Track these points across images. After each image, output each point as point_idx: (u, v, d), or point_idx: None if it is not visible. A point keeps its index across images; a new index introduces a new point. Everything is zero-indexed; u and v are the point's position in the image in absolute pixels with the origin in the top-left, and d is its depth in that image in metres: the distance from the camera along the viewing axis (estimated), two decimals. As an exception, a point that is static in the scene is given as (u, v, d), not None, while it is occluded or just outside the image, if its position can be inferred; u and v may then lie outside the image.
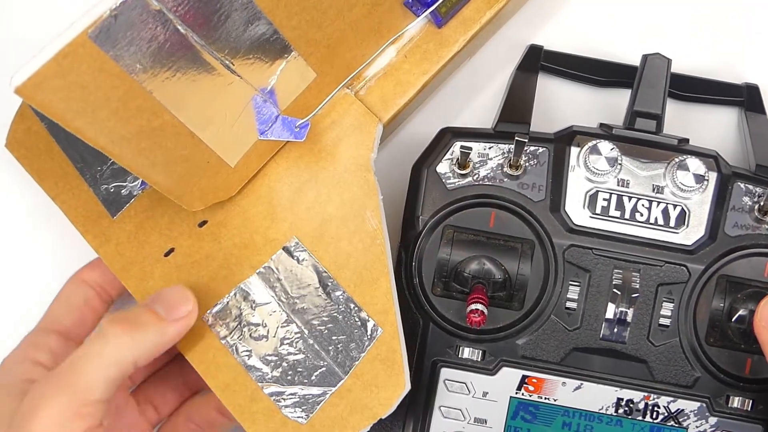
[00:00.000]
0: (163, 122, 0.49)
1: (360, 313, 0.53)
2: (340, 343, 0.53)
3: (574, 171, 0.55)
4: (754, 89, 0.61)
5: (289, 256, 0.54)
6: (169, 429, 0.58)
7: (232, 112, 0.52)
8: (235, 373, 0.53)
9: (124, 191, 0.56)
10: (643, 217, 0.55)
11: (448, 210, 0.55)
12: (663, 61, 0.56)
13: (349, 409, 0.52)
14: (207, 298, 0.54)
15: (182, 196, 0.53)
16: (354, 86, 0.55)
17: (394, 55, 0.56)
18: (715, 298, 0.55)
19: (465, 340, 0.55)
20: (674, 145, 0.56)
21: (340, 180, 0.54)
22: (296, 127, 0.54)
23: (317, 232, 0.54)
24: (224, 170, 0.53)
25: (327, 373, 0.53)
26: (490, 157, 0.56)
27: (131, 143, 0.49)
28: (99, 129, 0.47)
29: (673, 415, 0.55)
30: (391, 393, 0.52)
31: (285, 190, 0.55)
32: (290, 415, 0.52)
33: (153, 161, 0.50)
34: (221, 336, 0.54)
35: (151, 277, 0.55)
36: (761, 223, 0.55)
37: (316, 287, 0.54)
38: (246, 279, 0.54)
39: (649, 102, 0.56)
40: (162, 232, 0.56)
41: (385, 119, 0.55)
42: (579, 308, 0.55)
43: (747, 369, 0.55)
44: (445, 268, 0.55)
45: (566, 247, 0.55)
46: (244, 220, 0.55)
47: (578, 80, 0.62)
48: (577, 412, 0.55)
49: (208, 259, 0.55)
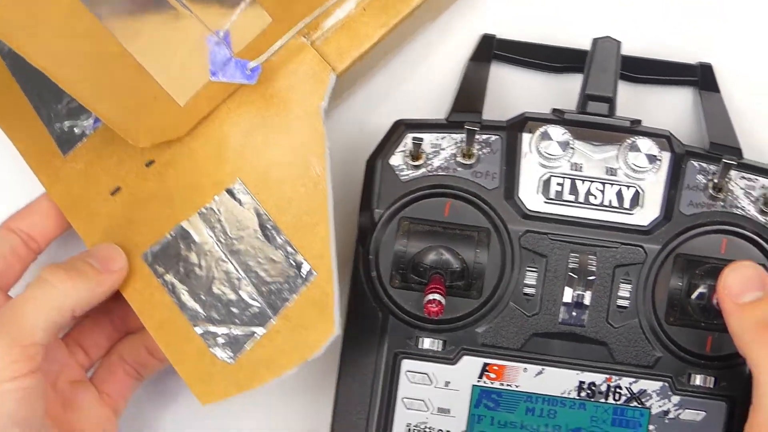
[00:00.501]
0: (110, 50, 0.50)
1: (296, 256, 0.53)
2: (274, 285, 0.53)
3: (527, 157, 0.55)
4: (707, 68, 0.61)
5: (232, 197, 0.55)
6: (105, 369, 0.59)
7: (183, 50, 0.52)
8: (169, 312, 0.54)
9: (77, 130, 0.57)
10: (598, 200, 0.55)
11: (402, 202, 0.55)
12: (613, 44, 0.56)
13: (277, 350, 0.53)
14: (148, 237, 0.55)
15: (128, 130, 0.53)
16: (311, 36, 0.56)
17: (354, 7, 0.56)
18: (673, 277, 0.55)
19: (425, 330, 0.56)
20: (626, 126, 0.56)
21: (290, 126, 0.55)
22: (248, 70, 0.54)
23: (262, 176, 0.54)
24: (173, 108, 0.54)
25: (258, 314, 0.53)
26: (443, 147, 0.56)
27: (76, 67, 0.49)
28: (42, 49, 0.48)
29: (635, 396, 0.55)
30: (320, 336, 0.52)
31: (234, 133, 0.55)
32: (219, 355, 0.53)
33: (98, 89, 0.51)
34: (159, 274, 0.55)
35: (97, 215, 0.56)
36: (716, 201, 0.55)
37: (255, 229, 0.54)
38: (187, 219, 0.55)
39: (601, 85, 0.56)
40: (110, 170, 0.56)
41: (339, 69, 0.55)
42: (537, 294, 0.55)
43: (708, 346, 0.55)
44: (402, 260, 0.55)
45: (522, 233, 0.55)
46: (191, 161, 0.55)
47: (532, 67, 0.62)
48: (539, 397, 0.56)
49: (152, 198, 0.55)
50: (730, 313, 0.51)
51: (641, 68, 0.61)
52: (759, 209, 0.55)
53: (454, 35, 0.63)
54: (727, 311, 0.51)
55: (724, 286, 0.51)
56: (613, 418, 0.55)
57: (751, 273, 0.51)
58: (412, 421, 0.56)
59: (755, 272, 0.51)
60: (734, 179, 0.55)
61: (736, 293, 0.51)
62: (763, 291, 0.51)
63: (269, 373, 0.53)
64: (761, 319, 0.50)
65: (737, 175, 0.55)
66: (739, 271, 0.51)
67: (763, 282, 0.51)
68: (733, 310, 0.51)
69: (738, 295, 0.51)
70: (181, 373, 0.54)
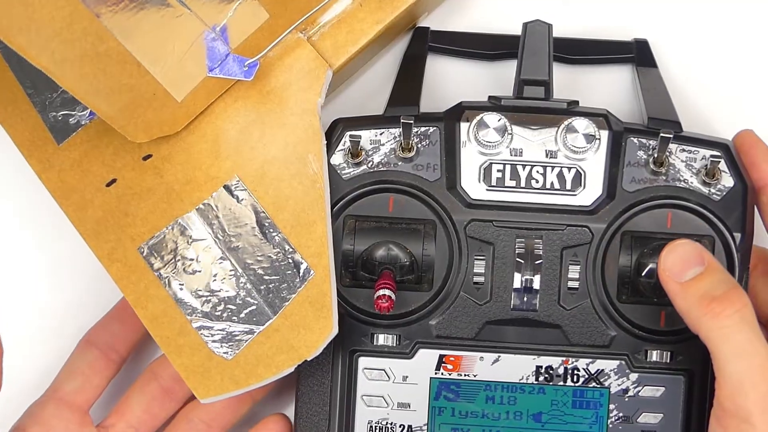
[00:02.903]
0: (108, 48, 0.50)
1: (294, 254, 0.54)
2: (272, 283, 0.54)
3: (466, 146, 0.55)
4: (643, 44, 0.61)
5: (229, 194, 0.55)
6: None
7: (181, 46, 0.53)
8: (165, 306, 0.54)
9: (72, 120, 0.57)
10: (539, 183, 0.55)
11: (346, 200, 0.55)
12: (543, 27, 0.56)
13: (275, 348, 0.53)
14: (144, 230, 0.55)
15: (126, 125, 0.53)
16: (307, 31, 0.56)
17: (350, 3, 0.56)
18: (621, 255, 0.55)
19: (379, 327, 0.56)
20: (563, 108, 0.56)
21: (286, 122, 0.55)
22: (245, 66, 0.54)
23: (259, 173, 0.55)
24: (171, 104, 0.54)
25: (256, 312, 0.54)
26: (382, 142, 0.56)
27: (74, 66, 0.50)
28: (42, 48, 0.48)
29: (593, 376, 0.55)
30: (318, 335, 0.53)
31: (231, 129, 0.55)
32: (216, 350, 0.54)
33: (96, 87, 0.51)
34: (155, 268, 0.55)
35: (90, 205, 0.56)
36: (658, 175, 0.55)
37: (253, 227, 0.54)
38: (185, 214, 0.55)
39: (535, 69, 0.56)
40: (106, 162, 0.56)
41: (335, 65, 0.56)
42: (487, 282, 0.55)
43: (662, 321, 0.55)
44: (350, 258, 0.55)
45: (467, 222, 0.55)
46: (188, 156, 0.55)
47: (468, 57, 0.62)
48: (498, 384, 0.56)
49: (149, 192, 0.56)
50: (675, 293, 0.51)
51: (577, 49, 0.61)
52: (701, 180, 0.55)
53: (438, 23, 0.62)
54: (672, 291, 0.51)
55: (664, 268, 0.51)
56: (573, 401, 0.55)
57: (689, 249, 0.51)
58: (373, 418, 0.56)
59: (693, 248, 0.51)
60: (675, 152, 0.55)
61: (677, 272, 0.51)
62: (702, 265, 0.51)
63: (267, 371, 0.53)
64: (705, 292, 0.50)
65: (677, 148, 0.55)
66: (677, 250, 0.51)
67: (701, 256, 0.51)
68: (677, 290, 0.51)
69: (679, 274, 0.51)
70: (176, 366, 0.54)
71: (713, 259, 0.51)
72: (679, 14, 0.62)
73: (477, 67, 0.62)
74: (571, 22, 0.61)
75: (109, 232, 0.56)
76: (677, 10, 0.62)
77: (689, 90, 0.61)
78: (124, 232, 0.56)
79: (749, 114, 0.61)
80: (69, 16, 0.48)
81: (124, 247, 0.55)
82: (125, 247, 0.55)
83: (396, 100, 0.57)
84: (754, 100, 0.61)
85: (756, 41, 0.61)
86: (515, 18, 0.60)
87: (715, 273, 0.51)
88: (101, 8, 0.49)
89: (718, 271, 0.51)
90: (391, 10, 0.56)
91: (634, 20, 0.62)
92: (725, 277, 0.51)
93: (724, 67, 0.62)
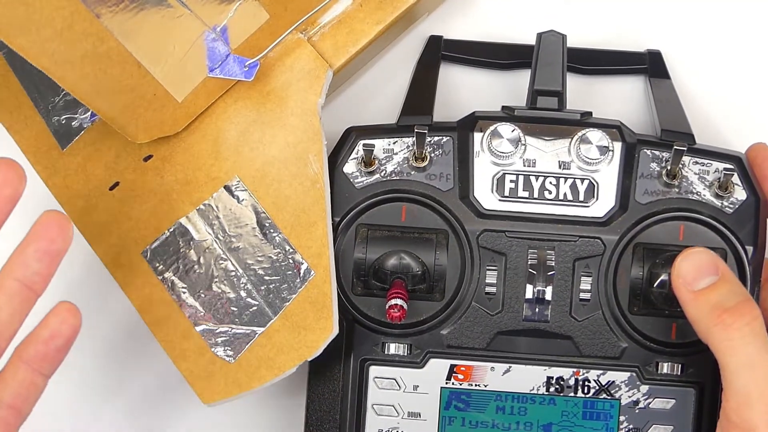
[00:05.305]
0: (108, 49, 0.51)
1: (294, 255, 0.54)
2: (272, 284, 0.54)
3: (479, 156, 0.55)
4: (656, 55, 0.61)
5: (230, 194, 0.55)
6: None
7: (181, 47, 0.53)
8: (169, 310, 0.55)
9: (75, 123, 0.57)
10: (552, 194, 0.55)
11: (359, 209, 0.55)
12: (558, 38, 0.57)
13: (276, 349, 0.53)
14: (147, 233, 0.55)
15: (126, 126, 0.53)
16: (308, 31, 0.56)
17: (350, 3, 0.56)
18: (633, 267, 0.55)
19: (390, 336, 0.56)
20: (576, 119, 0.56)
21: (286, 123, 0.55)
22: (245, 67, 0.54)
23: (259, 173, 0.55)
24: (171, 104, 0.54)
25: (257, 313, 0.54)
26: (395, 152, 0.56)
27: (75, 66, 0.50)
28: (42, 49, 0.49)
29: (604, 388, 0.55)
30: (318, 336, 0.53)
31: (231, 129, 0.55)
32: (219, 354, 0.54)
33: (97, 87, 0.51)
34: (158, 271, 0.55)
35: (95, 210, 0.56)
36: (671, 188, 0.55)
37: (254, 227, 0.55)
38: (186, 215, 0.55)
39: (548, 79, 0.56)
40: (108, 165, 0.56)
41: (335, 66, 0.56)
42: (498, 292, 0.55)
43: (673, 333, 0.55)
44: (362, 267, 0.55)
45: (479, 232, 0.55)
46: (188, 157, 0.56)
47: (481, 66, 0.62)
48: (509, 395, 0.55)
49: (150, 194, 0.56)
50: (686, 302, 0.51)
51: (590, 60, 0.61)
52: (714, 193, 0.55)
53: (451, 32, 0.63)
54: (684, 300, 0.51)
55: (677, 275, 0.51)
56: (583, 412, 0.55)
57: (704, 258, 0.51)
58: (384, 427, 0.56)
59: (707, 257, 0.51)
60: (688, 165, 0.55)
61: (690, 281, 0.51)
62: (716, 275, 0.50)
63: (269, 372, 0.53)
64: (717, 302, 0.50)
65: (690, 161, 0.55)
66: (692, 258, 0.51)
67: (716, 266, 0.51)
68: (690, 298, 0.51)
69: (692, 283, 0.50)
70: (181, 370, 0.55)
71: (727, 269, 0.51)
72: (692, 25, 0.62)
73: (490, 77, 0.62)
74: (584, 32, 0.61)
75: (113, 237, 0.56)
76: (690, 22, 0.62)
77: (702, 101, 0.61)
78: (128, 236, 0.56)
79: (762, 126, 0.61)
80: (69, 16, 0.48)
81: (128, 251, 0.55)
82: (129, 251, 0.56)
83: (409, 109, 0.57)
84: (767, 112, 0.61)
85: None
86: (515, 17, 0.61)
87: (729, 284, 0.51)
88: (101, 9, 0.49)
89: (731, 282, 0.51)
90: (391, 10, 0.56)
91: (647, 31, 0.62)
92: (738, 289, 0.51)
93: (737, 79, 0.62)
